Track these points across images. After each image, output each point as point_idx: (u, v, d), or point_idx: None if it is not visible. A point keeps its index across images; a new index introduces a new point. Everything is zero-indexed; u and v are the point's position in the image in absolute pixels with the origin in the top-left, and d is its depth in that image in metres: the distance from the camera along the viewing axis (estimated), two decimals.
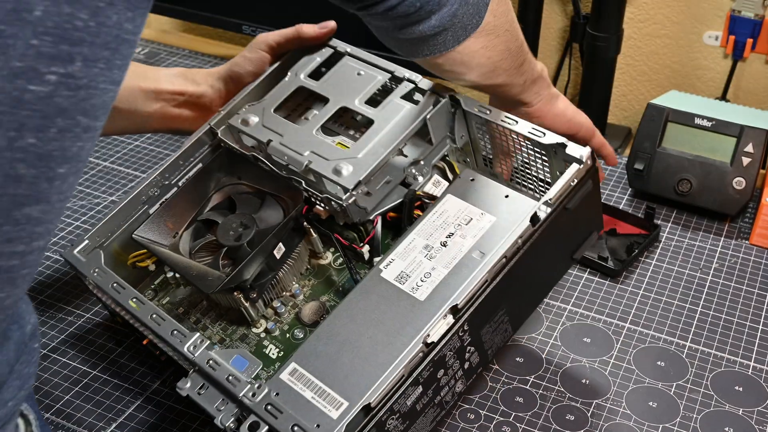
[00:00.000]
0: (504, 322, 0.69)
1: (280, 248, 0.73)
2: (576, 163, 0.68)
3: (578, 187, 0.68)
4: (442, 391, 0.66)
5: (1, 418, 0.52)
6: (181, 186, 0.80)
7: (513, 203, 0.69)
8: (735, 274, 0.91)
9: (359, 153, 0.73)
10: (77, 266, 0.74)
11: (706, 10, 1.13)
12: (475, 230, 0.68)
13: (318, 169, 0.73)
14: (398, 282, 0.66)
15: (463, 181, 0.73)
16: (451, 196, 0.72)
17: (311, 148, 0.75)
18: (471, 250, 0.67)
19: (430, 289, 0.65)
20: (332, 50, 0.83)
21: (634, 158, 1.00)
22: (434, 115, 0.75)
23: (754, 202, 1.01)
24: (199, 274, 0.72)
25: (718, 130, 0.97)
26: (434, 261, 0.67)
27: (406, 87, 0.78)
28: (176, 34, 1.50)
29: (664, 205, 1.02)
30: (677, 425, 0.73)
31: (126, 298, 0.70)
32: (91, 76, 0.41)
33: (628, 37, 1.19)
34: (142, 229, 0.75)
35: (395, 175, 0.76)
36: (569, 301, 0.87)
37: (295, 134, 0.77)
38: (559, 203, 0.67)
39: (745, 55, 1.11)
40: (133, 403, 0.77)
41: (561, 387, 0.77)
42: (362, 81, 0.79)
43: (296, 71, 0.82)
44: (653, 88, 1.23)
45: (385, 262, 0.68)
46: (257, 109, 0.80)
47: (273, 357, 0.72)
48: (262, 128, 0.77)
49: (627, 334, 0.83)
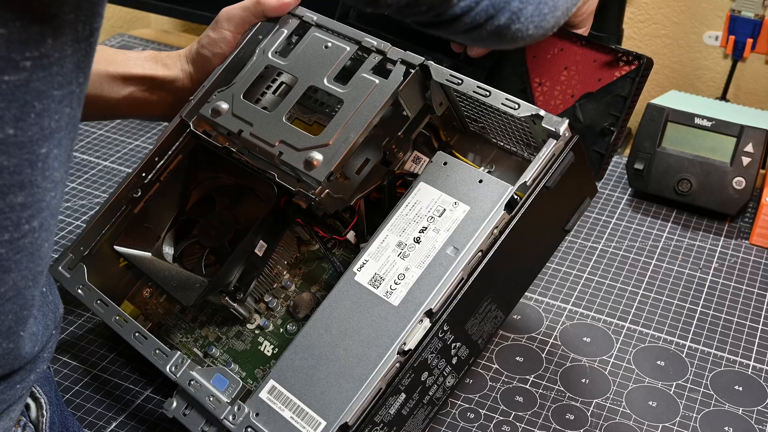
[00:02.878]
0: (492, 309, 0.67)
1: (262, 245, 0.72)
2: (553, 138, 0.64)
3: (558, 163, 0.64)
4: (430, 390, 0.65)
5: (6, 400, 0.52)
6: (158, 186, 0.77)
7: (487, 189, 0.66)
8: (735, 274, 0.91)
9: (330, 139, 0.69)
10: (62, 282, 0.74)
11: (706, 10, 1.13)
12: (448, 223, 0.65)
13: (289, 161, 0.69)
14: (372, 286, 0.64)
15: (435, 166, 0.69)
16: (424, 185, 0.68)
17: (281, 137, 0.71)
18: (444, 246, 0.64)
19: (404, 293, 0.63)
20: (299, 20, 0.78)
21: (634, 158, 1.00)
22: (406, 89, 0.70)
23: (754, 202, 1.02)
24: (180, 283, 0.71)
25: (718, 130, 0.97)
26: (408, 260, 0.65)
27: (375, 58, 0.73)
28: (176, 34, 1.50)
29: (664, 205, 1.02)
30: (677, 425, 0.73)
31: (109, 317, 0.70)
32: (60, 46, 0.40)
33: (628, 37, 1.19)
34: (123, 238, 0.74)
35: (373, 154, 0.72)
36: (569, 300, 0.87)
37: (265, 122, 0.72)
38: (537, 183, 0.63)
39: (745, 55, 1.11)
40: (133, 403, 0.76)
41: (561, 386, 0.77)
42: (330, 54, 0.74)
43: (264, 49, 0.78)
44: (653, 88, 1.23)
45: (358, 264, 0.66)
46: (227, 95, 0.75)
47: (268, 354, 0.72)
48: (232, 117, 0.73)
49: (627, 334, 0.83)
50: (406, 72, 0.70)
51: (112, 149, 1.15)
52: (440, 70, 0.70)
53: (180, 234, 0.76)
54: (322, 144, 0.69)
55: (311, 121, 0.77)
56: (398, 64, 0.71)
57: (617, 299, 0.88)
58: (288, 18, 0.79)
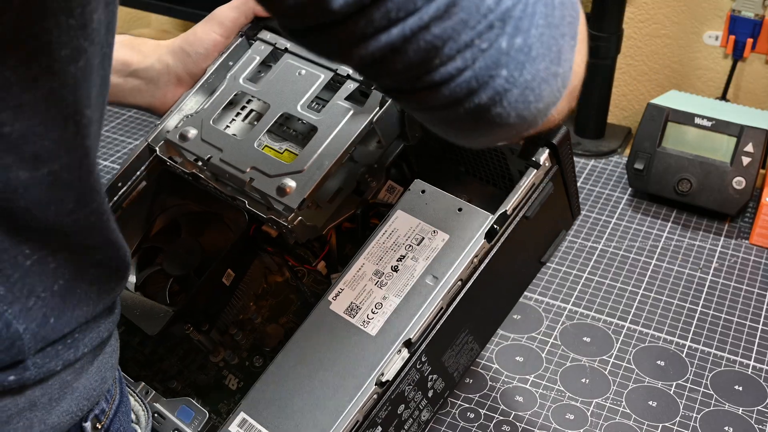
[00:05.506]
0: (469, 341, 0.66)
1: (229, 275, 0.70)
2: (533, 168, 0.63)
3: (537, 193, 0.64)
4: (406, 424, 0.63)
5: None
6: (122, 210, 0.74)
7: (467, 217, 0.64)
8: (735, 273, 0.91)
9: (304, 165, 0.67)
10: None
11: (706, 10, 1.13)
12: (427, 251, 0.63)
13: (260, 187, 0.67)
14: (348, 315, 0.62)
15: (413, 194, 0.67)
16: (402, 213, 0.66)
17: (252, 163, 0.68)
18: (423, 275, 0.61)
19: (382, 322, 0.60)
20: (271, 47, 0.76)
21: (634, 158, 1.00)
22: (381, 117, 0.68)
23: (754, 202, 1.02)
24: (144, 312, 0.68)
25: (718, 129, 0.97)
26: (385, 289, 0.62)
27: (351, 86, 0.71)
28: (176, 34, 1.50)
29: (664, 205, 1.02)
30: (677, 424, 0.74)
31: None
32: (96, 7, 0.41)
33: (628, 37, 1.19)
34: None
35: (347, 182, 0.70)
36: (569, 300, 0.87)
37: (235, 148, 0.70)
38: (516, 213, 0.63)
39: (745, 55, 1.11)
40: None
41: (561, 386, 0.77)
42: (303, 82, 0.73)
43: (235, 75, 0.76)
44: (653, 88, 1.23)
45: (333, 293, 0.63)
46: (195, 120, 0.73)
47: (233, 388, 0.69)
48: (201, 143, 0.71)
49: (627, 334, 0.83)
50: (382, 100, 0.68)
51: (112, 149, 1.15)
52: None
53: (143, 262, 0.73)
54: (296, 171, 0.67)
55: (282, 150, 0.74)
56: (374, 92, 0.69)
57: (617, 299, 0.88)
58: (260, 45, 0.77)
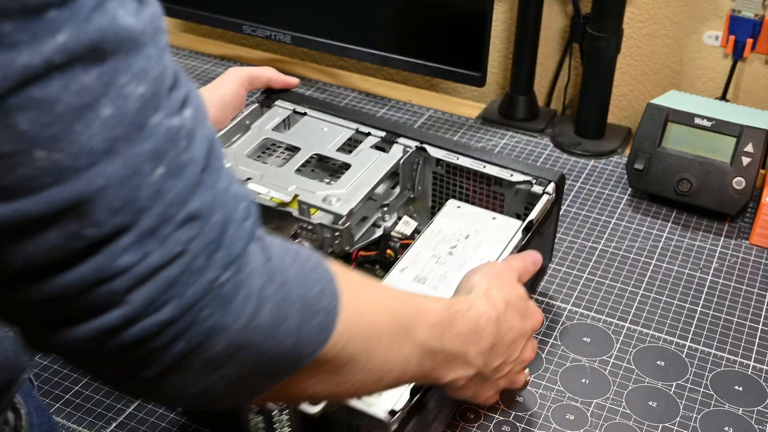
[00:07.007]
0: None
1: None
2: (546, 195, 0.77)
3: (546, 216, 0.77)
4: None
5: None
6: None
7: (501, 222, 0.77)
8: (735, 274, 0.91)
9: (344, 188, 0.78)
10: None
11: (706, 10, 1.13)
12: (475, 242, 0.74)
13: (308, 199, 0.75)
14: (418, 283, 0.70)
15: (449, 208, 0.79)
16: (442, 219, 0.77)
17: (294, 183, 0.78)
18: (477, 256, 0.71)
19: (450, 290, 0.67)
20: (290, 111, 0.88)
21: (634, 158, 1.00)
22: (405, 162, 0.83)
23: (754, 202, 1.02)
24: None
25: (718, 129, 0.97)
26: (445, 267, 0.71)
27: (374, 139, 0.84)
28: (176, 34, 1.50)
29: (664, 205, 1.02)
30: (677, 425, 0.73)
31: None
32: None
33: (628, 37, 1.19)
34: None
35: (371, 214, 0.82)
36: (569, 300, 0.87)
37: (274, 174, 0.79)
38: (536, 225, 0.74)
39: (745, 55, 1.11)
40: (133, 402, 0.77)
41: (561, 386, 0.77)
42: (329, 134, 0.85)
43: (260, 126, 0.85)
44: (653, 88, 1.23)
45: (399, 268, 0.71)
46: (227, 153, 0.81)
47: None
48: (237, 169, 0.79)
49: (627, 334, 0.83)
50: (405, 149, 0.83)
51: None
52: (437, 149, 0.83)
53: None
54: (338, 190, 0.77)
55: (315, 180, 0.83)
56: (395, 144, 0.84)
57: (617, 299, 0.88)
58: (278, 109, 0.89)
